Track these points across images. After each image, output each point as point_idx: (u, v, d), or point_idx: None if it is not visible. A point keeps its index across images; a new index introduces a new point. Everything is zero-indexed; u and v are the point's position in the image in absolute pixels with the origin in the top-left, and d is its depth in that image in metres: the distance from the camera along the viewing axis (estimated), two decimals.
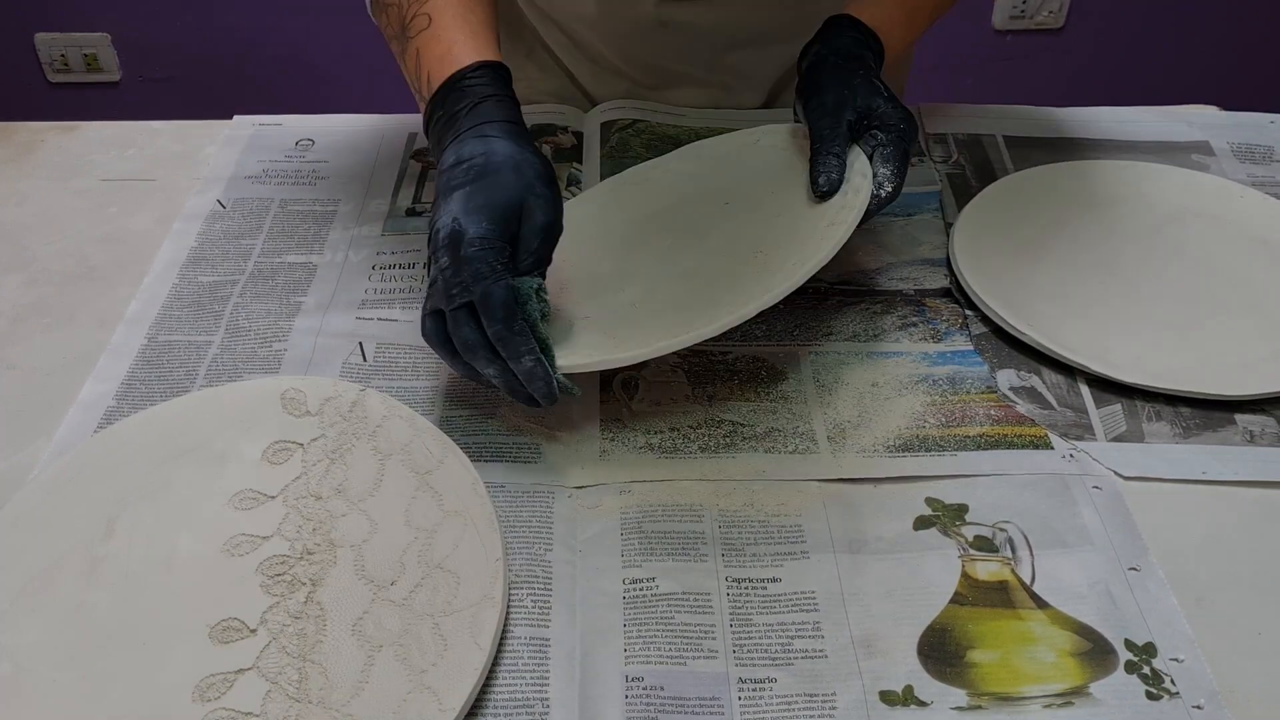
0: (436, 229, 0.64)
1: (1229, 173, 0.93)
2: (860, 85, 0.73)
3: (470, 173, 0.65)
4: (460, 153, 0.65)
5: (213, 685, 0.56)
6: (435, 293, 0.64)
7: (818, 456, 0.69)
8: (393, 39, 0.69)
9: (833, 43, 0.77)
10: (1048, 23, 2.23)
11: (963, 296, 0.80)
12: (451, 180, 0.65)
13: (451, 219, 0.63)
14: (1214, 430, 0.70)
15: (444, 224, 0.64)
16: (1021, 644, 0.58)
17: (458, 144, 0.66)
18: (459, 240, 0.63)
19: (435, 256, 0.64)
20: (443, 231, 0.63)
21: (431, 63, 0.66)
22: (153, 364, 0.75)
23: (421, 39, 0.66)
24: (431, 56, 0.66)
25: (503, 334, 0.62)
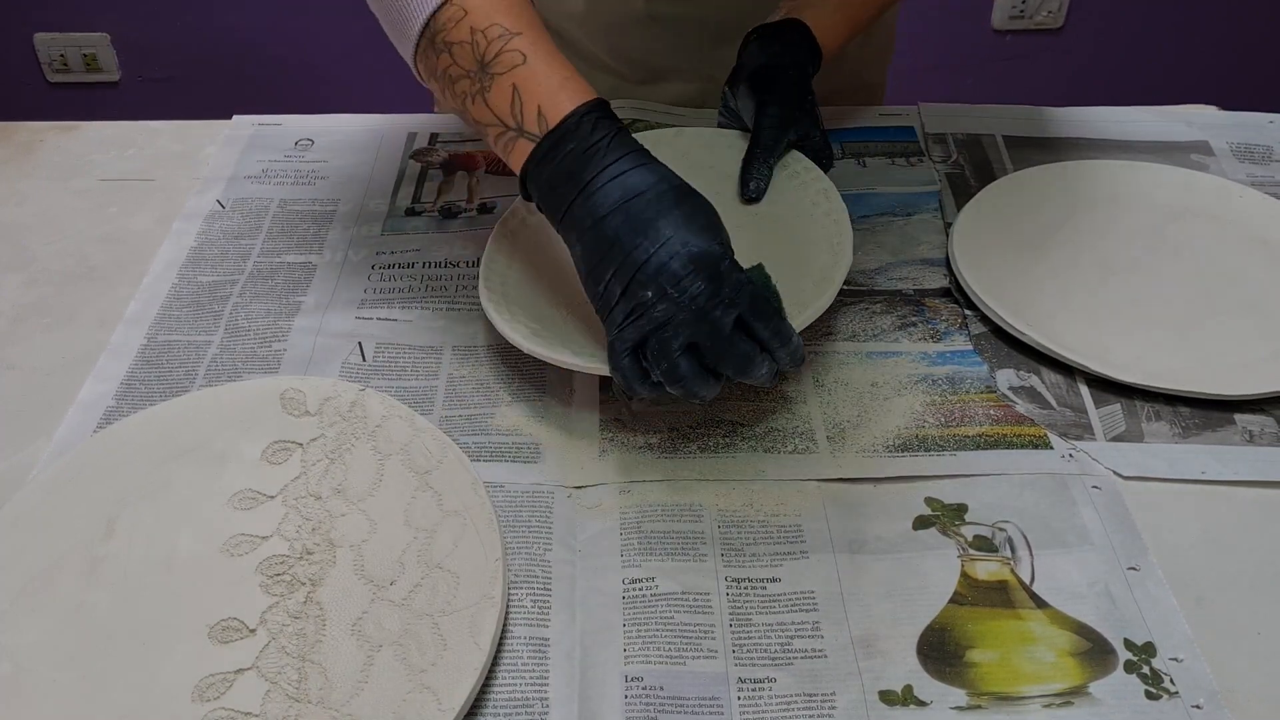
0: (661, 262, 0.60)
1: (1228, 172, 0.93)
2: (807, 110, 0.81)
3: (664, 200, 0.62)
4: (629, 185, 0.63)
5: (212, 685, 0.56)
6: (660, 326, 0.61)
7: (817, 456, 0.69)
8: (460, 77, 0.66)
9: (792, 53, 0.82)
10: (1047, 23, 2.23)
11: (962, 296, 0.80)
12: (641, 212, 0.62)
13: (683, 245, 0.61)
14: (1213, 430, 0.70)
15: (673, 252, 0.60)
16: (1021, 644, 0.58)
17: (618, 179, 0.63)
18: (709, 258, 0.61)
19: (670, 290, 0.60)
20: (679, 258, 0.60)
21: (541, 97, 0.64)
22: (152, 364, 0.75)
23: (518, 75, 0.65)
24: (538, 92, 0.64)
25: (779, 326, 0.62)
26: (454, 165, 0.94)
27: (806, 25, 0.83)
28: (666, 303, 0.60)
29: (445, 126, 0.99)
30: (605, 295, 0.63)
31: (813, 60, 0.83)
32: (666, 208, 0.62)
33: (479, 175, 0.93)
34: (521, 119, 0.65)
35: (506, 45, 0.65)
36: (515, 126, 0.65)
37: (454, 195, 0.91)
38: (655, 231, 0.61)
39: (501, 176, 0.93)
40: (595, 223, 0.62)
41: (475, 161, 0.95)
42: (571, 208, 0.63)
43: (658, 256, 0.60)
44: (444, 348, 0.77)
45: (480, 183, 0.92)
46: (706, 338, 0.61)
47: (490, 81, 0.65)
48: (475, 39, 0.65)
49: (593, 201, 0.62)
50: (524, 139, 0.65)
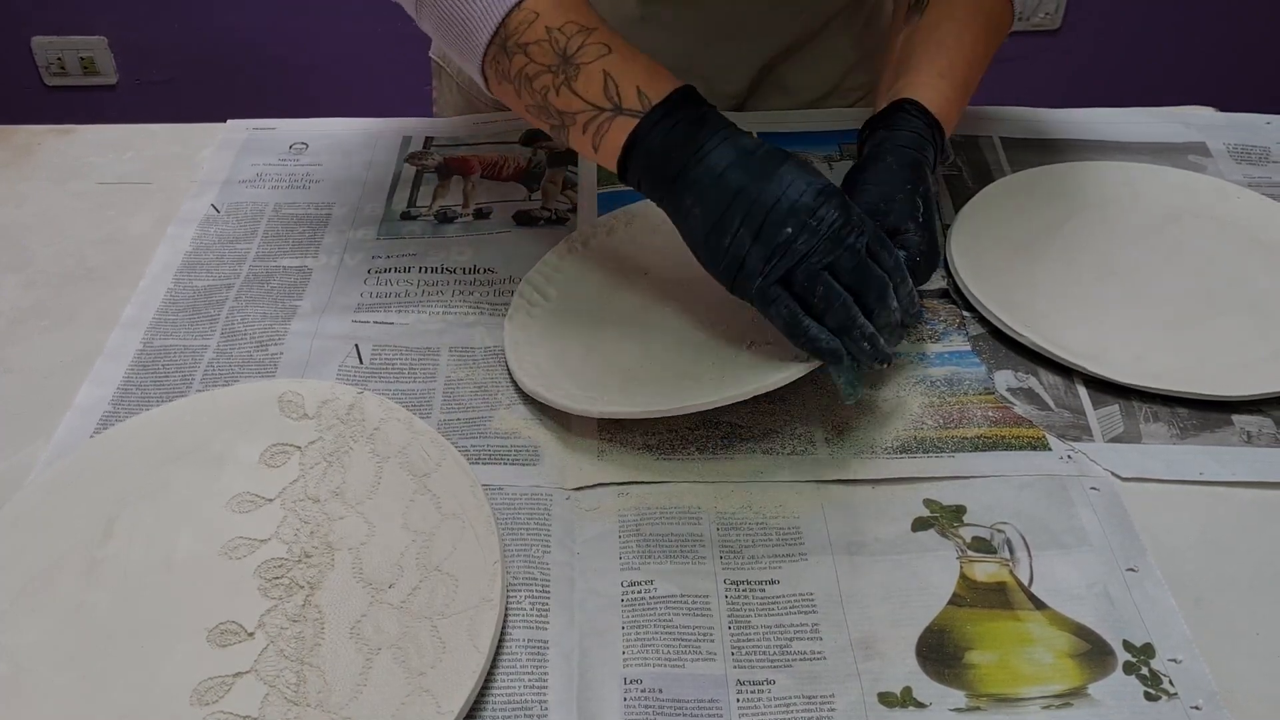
0: (796, 199, 0.64)
1: (1225, 173, 0.93)
2: (901, 202, 0.73)
3: (777, 154, 0.66)
4: (744, 145, 0.67)
5: (211, 688, 0.56)
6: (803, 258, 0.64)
7: (815, 457, 0.69)
8: (539, 73, 0.69)
9: (897, 137, 0.76)
10: (1044, 24, 2.23)
11: (960, 297, 0.80)
12: (762, 165, 0.66)
13: (807, 184, 0.65)
14: (1211, 431, 0.70)
15: (804, 188, 0.64)
16: (1020, 645, 0.58)
17: (732, 140, 0.67)
18: (834, 193, 0.65)
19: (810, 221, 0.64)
20: (811, 193, 0.64)
21: (638, 79, 0.68)
22: (148, 368, 0.75)
23: (608, 62, 0.68)
24: (635, 73, 0.68)
25: (898, 259, 0.66)
26: (449, 169, 0.94)
27: (918, 102, 0.78)
28: (806, 234, 0.63)
29: (439, 130, 0.99)
30: (733, 246, 0.65)
31: (926, 140, 0.77)
32: (781, 159, 0.66)
33: (474, 180, 0.93)
34: (620, 99, 0.68)
35: (588, 39, 0.68)
36: (613, 106, 0.68)
37: (449, 200, 0.91)
38: (779, 177, 0.65)
39: (496, 182, 0.93)
40: (715, 178, 0.65)
41: (470, 166, 0.94)
42: (686, 169, 0.66)
43: (788, 195, 0.64)
44: (441, 350, 0.77)
45: (475, 188, 0.92)
46: (847, 262, 0.64)
47: (576, 71, 0.68)
48: (553, 36, 0.69)
49: (710, 159, 0.66)
50: (623, 116, 0.68)
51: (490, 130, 0.98)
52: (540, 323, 0.77)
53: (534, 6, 0.69)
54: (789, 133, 0.97)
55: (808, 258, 0.63)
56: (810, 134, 0.97)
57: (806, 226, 0.63)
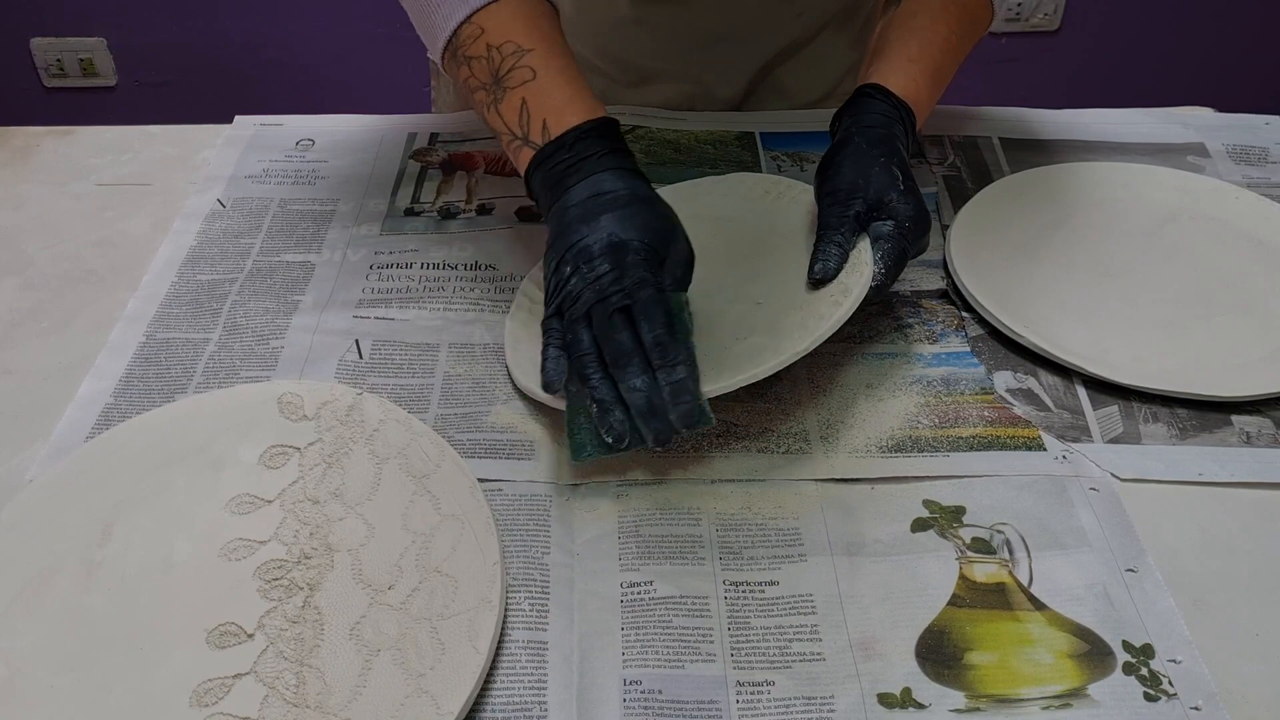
0: (585, 243, 0.66)
1: (1224, 174, 0.93)
2: (877, 174, 0.73)
3: (618, 201, 0.68)
4: (599, 187, 0.68)
5: (210, 690, 0.56)
6: (571, 301, 0.66)
7: (810, 457, 0.69)
8: (478, 89, 0.72)
9: (862, 119, 0.77)
10: (1043, 25, 2.23)
11: (959, 298, 0.80)
12: (595, 208, 0.67)
13: (607, 234, 0.66)
14: (1210, 431, 0.70)
15: (598, 238, 0.66)
16: (1019, 645, 0.58)
17: (593, 180, 0.68)
18: (623, 248, 0.66)
19: (583, 267, 0.66)
20: (599, 243, 0.66)
21: (547, 112, 0.70)
22: (151, 361, 0.75)
23: (528, 90, 0.70)
24: (545, 106, 0.70)
25: (664, 338, 0.64)
26: (453, 165, 0.94)
27: (880, 85, 0.78)
28: (577, 278, 0.66)
29: (444, 127, 0.99)
30: (551, 277, 0.68)
31: (894, 120, 0.77)
32: (617, 207, 0.67)
33: (478, 175, 0.93)
34: (528, 130, 0.71)
35: (519, 62, 0.71)
36: (522, 136, 0.71)
37: (453, 196, 0.91)
38: (595, 222, 0.67)
39: (500, 177, 0.93)
40: (561, 214, 0.69)
41: (474, 162, 0.95)
42: (553, 207, 0.70)
43: (585, 240, 0.66)
44: (440, 346, 0.77)
45: (479, 183, 0.93)
46: (599, 316, 0.65)
47: (502, 94, 0.71)
48: (490, 54, 0.71)
49: (566, 199, 0.69)
50: (527, 147, 0.71)
51: None
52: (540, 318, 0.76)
53: (481, 21, 0.72)
54: (786, 132, 0.98)
55: (573, 301, 0.66)
56: (807, 134, 0.97)
57: (578, 271, 0.66)
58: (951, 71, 0.83)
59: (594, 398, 0.64)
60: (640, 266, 0.65)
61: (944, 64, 0.82)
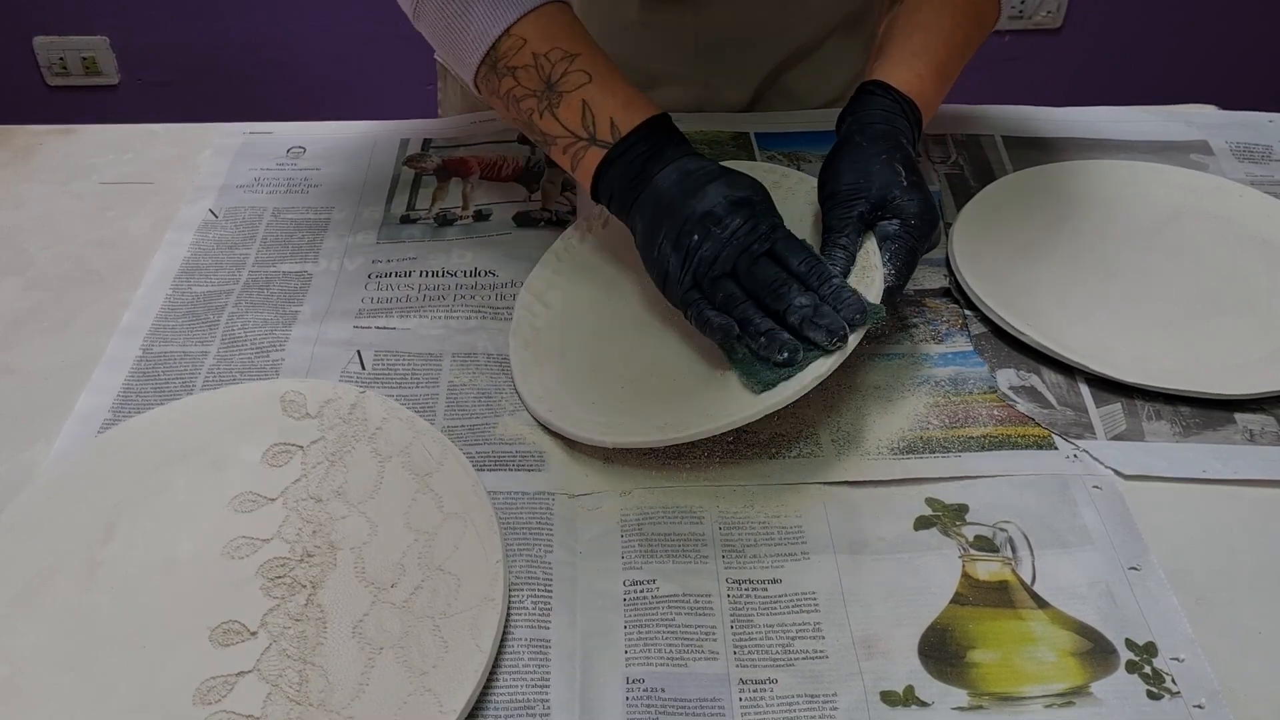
0: (707, 209, 0.67)
1: (1228, 172, 0.93)
2: (879, 172, 0.72)
3: (713, 174, 0.70)
4: (686, 168, 0.70)
5: (213, 688, 0.56)
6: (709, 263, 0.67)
7: (822, 460, 0.68)
8: (525, 97, 0.73)
9: (863, 116, 0.76)
10: (1046, 22, 2.23)
11: (962, 297, 0.80)
12: (693, 183, 0.69)
13: (723, 196, 0.68)
14: (1214, 429, 0.70)
15: (716, 201, 0.68)
16: (1022, 644, 0.58)
17: (678, 165, 0.70)
18: (747, 203, 0.68)
19: (714, 229, 0.67)
20: (720, 205, 0.67)
21: (613, 110, 0.72)
22: (148, 375, 0.75)
23: (586, 92, 0.72)
24: (609, 105, 0.72)
25: (813, 263, 0.67)
26: (448, 171, 0.94)
27: (882, 82, 0.77)
28: (710, 240, 0.67)
29: (437, 132, 0.99)
30: (659, 259, 0.69)
31: (897, 115, 0.76)
32: (714, 176, 0.69)
33: (473, 181, 0.93)
34: (595, 129, 0.72)
35: (571, 66, 0.72)
36: (588, 137, 0.72)
37: (449, 202, 0.91)
38: (702, 192, 0.68)
39: (495, 182, 0.92)
40: (655, 199, 0.70)
41: (469, 167, 0.94)
42: (639, 197, 0.71)
43: (702, 206, 0.68)
44: (443, 355, 0.76)
45: (475, 189, 0.92)
46: (744, 265, 0.67)
47: (559, 99, 0.72)
48: (539, 63, 0.72)
49: (655, 185, 0.70)
50: (596, 147, 0.72)
51: (489, 129, 0.98)
52: (544, 336, 0.76)
53: (522, 33, 0.72)
54: (783, 132, 0.97)
55: (711, 262, 0.67)
56: (804, 134, 0.97)
57: (710, 234, 0.67)
58: (958, 68, 0.82)
59: (760, 332, 0.66)
60: (768, 214, 0.69)
61: (949, 60, 0.81)
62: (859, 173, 0.73)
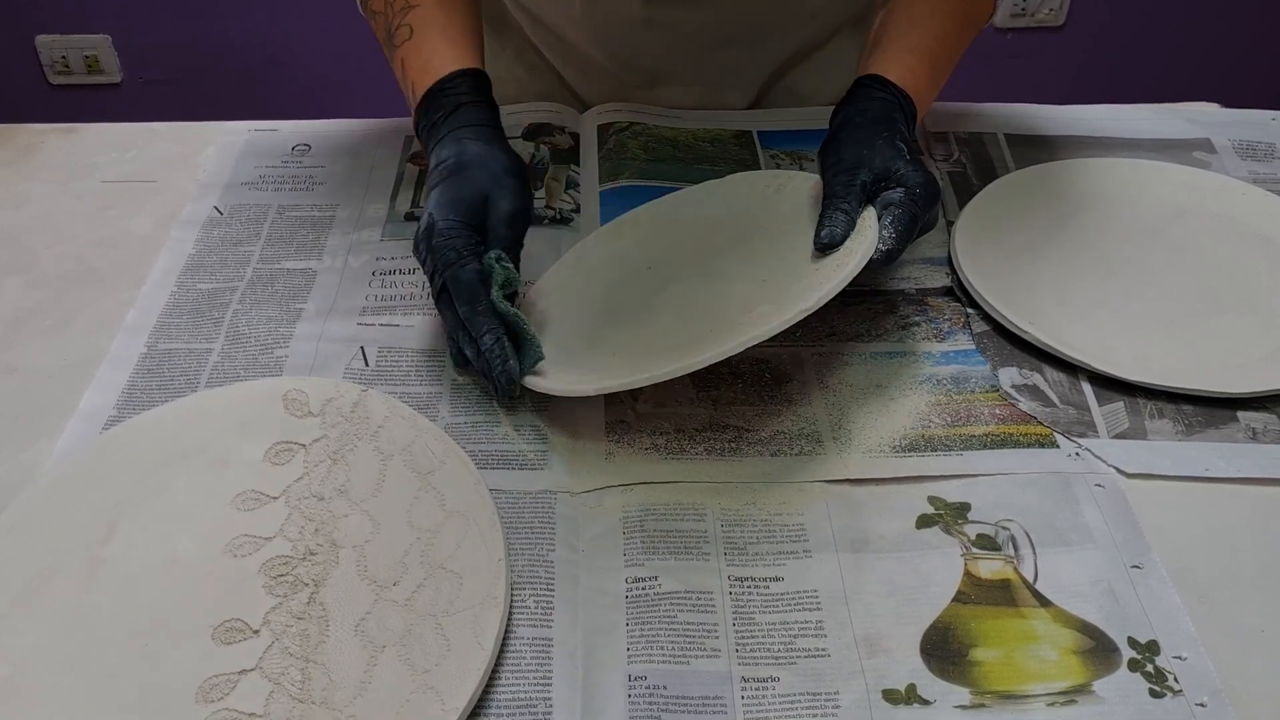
0: (418, 226, 0.71)
1: (1230, 170, 0.93)
2: (881, 146, 0.72)
3: (444, 172, 0.72)
4: (439, 155, 0.72)
5: (216, 686, 0.56)
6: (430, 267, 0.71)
7: (824, 458, 0.68)
8: (383, 45, 0.75)
9: (860, 105, 0.76)
10: (1048, 20, 2.23)
11: (964, 295, 0.80)
12: (431, 182, 0.72)
13: (427, 215, 0.71)
14: (1217, 427, 0.70)
15: (422, 221, 0.71)
16: (1024, 642, 0.58)
17: (438, 148, 0.73)
18: (431, 232, 0.70)
19: (416, 250, 0.71)
20: (421, 227, 0.71)
21: (415, 73, 0.72)
22: (153, 373, 0.75)
23: (405, 49, 0.72)
24: (414, 67, 0.73)
25: (469, 314, 0.69)
26: None
27: (878, 75, 0.77)
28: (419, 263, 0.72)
29: None
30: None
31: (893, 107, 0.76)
32: (440, 180, 0.72)
33: None
34: (407, 94, 0.74)
35: (403, 19, 0.73)
36: (408, 100, 0.75)
37: None
38: (427, 202, 0.72)
39: None
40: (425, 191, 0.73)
41: None
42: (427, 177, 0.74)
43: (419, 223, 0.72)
44: (447, 351, 0.76)
45: None
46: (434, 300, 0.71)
47: (392, 54, 0.75)
48: (386, 9, 0.74)
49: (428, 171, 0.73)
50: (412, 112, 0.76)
51: None
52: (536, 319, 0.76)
53: None
54: (785, 130, 0.97)
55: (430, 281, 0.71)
56: (806, 132, 0.97)
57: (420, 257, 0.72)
58: (951, 64, 0.82)
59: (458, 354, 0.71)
60: (444, 248, 0.70)
61: (943, 55, 0.81)
62: (861, 146, 0.72)
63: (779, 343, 0.76)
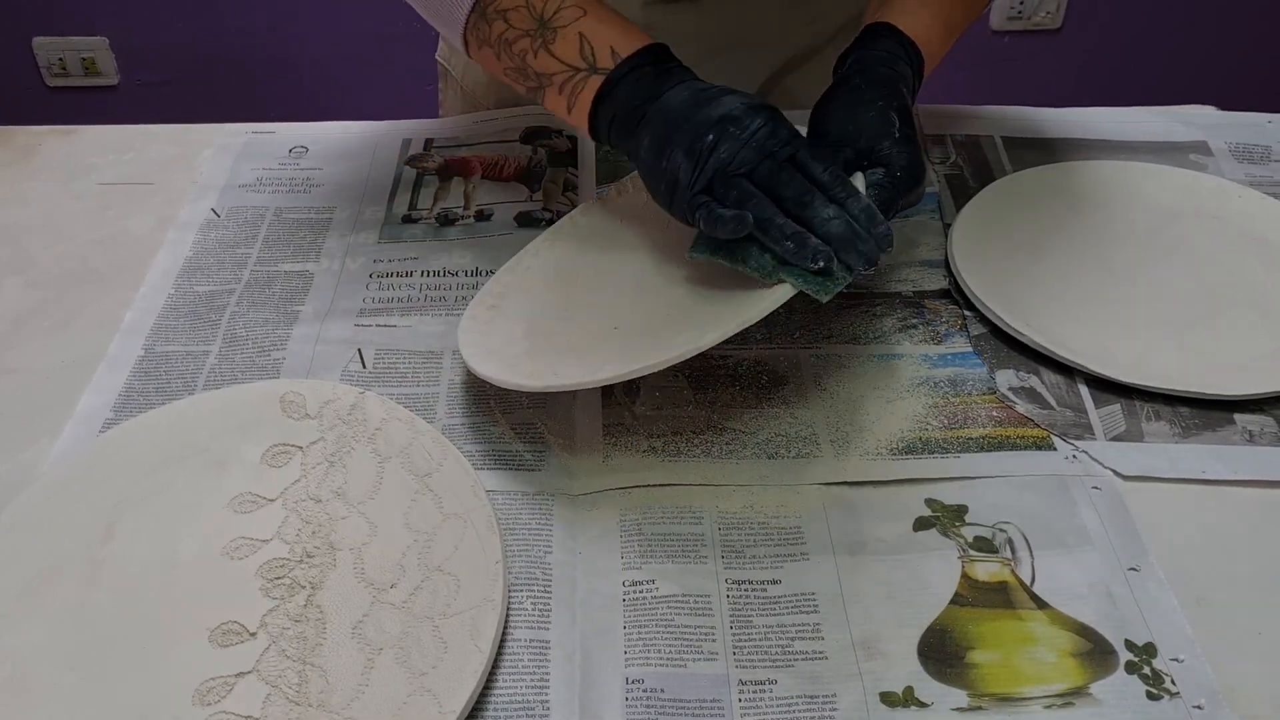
0: (727, 112, 0.65)
1: (1227, 172, 0.93)
2: (872, 120, 0.71)
3: (726, 90, 0.67)
4: (698, 86, 0.68)
5: (213, 689, 0.56)
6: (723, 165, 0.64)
7: (821, 461, 0.69)
8: (518, 38, 0.72)
9: (866, 55, 0.75)
10: (1045, 23, 2.23)
11: (961, 297, 0.80)
12: (708, 96, 0.67)
13: (741, 101, 0.66)
14: (1213, 430, 0.70)
15: (735, 105, 0.65)
16: (1022, 644, 0.58)
17: (688, 84, 0.68)
18: (768, 109, 0.66)
19: (732, 129, 0.64)
20: (741, 108, 0.65)
21: (612, 39, 0.70)
22: (150, 375, 0.75)
23: (583, 24, 0.71)
24: (609, 34, 0.70)
25: (840, 174, 0.65)
26: (449, 171, 0.94)
27: (889, 23, 0.76)
28: (728, 141, 0.64)
29: (440, 132, 0.99)
30: (669, 165, 0.66)
31: (899, 58, 0.74)
32: (728, 91, 0.67)
33: (475, 181, 0.93)
34: (594, 58, 0.70)
35: (564, 3, 0.71)
36: (588, 66, 0.70)
37: (450, 202, 0.91)
38: (718, 102, 0.66)
39: (497, 182, 0.93)
40: (664, 113, 0.67)
41: (471, 167, 0.94)
42: (646, 114, 0.68)
43: (718, 111, 0.65)
44: (444, 353, 0.76)
45: (476, 189, 0.92)
46: (766, 169, 0.64)
47: (554, 35, 0.71)
48: (530, 2, 0.71)
49: (665, 100, 0.67)
50: (596, 75, 0.70)
51: (490, 129, 0.98)
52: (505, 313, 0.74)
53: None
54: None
55: (728, 164, 0.64)
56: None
57: (727, 134, 0.64)
58: (961, 28, 0.81)
59: (786, 235, 0.63)
60: (788, 124, 0.66)
61: (954, 16, 0.79)
62: (849, 118, 0.72)
63: (777, 344, 0.77)
